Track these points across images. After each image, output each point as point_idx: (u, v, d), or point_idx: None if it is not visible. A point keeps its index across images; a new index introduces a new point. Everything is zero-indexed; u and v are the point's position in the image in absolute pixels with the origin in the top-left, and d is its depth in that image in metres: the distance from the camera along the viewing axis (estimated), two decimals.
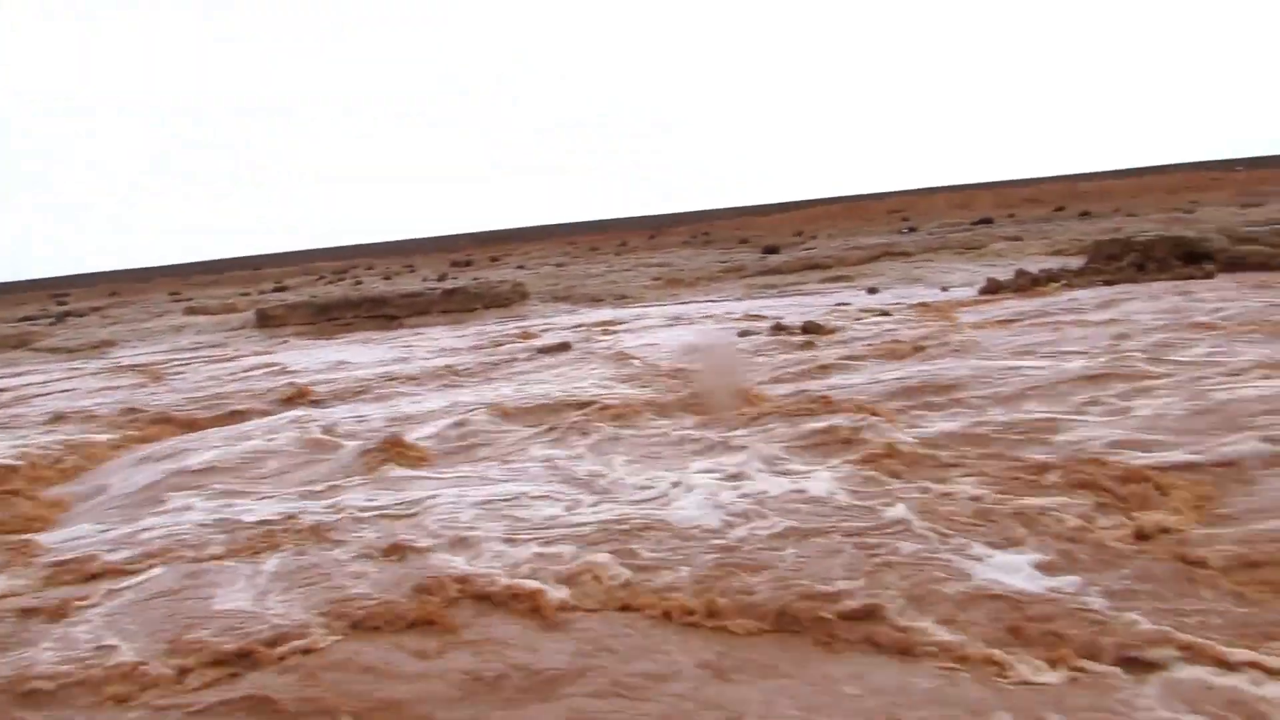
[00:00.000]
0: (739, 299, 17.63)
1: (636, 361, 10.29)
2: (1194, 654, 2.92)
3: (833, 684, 3.02)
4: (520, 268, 32.36)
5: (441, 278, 28.23)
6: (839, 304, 14.57)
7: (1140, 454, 5.00)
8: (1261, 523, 3.95)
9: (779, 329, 11.73)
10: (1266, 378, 6.31)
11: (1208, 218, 22.74)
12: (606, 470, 5.76)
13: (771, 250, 26.99)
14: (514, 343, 13.34)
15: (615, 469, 5.78)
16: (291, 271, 45.70)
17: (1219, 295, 11.04)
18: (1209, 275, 12.97)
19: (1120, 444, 5.23)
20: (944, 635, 3.18)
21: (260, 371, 12.64)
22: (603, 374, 9.54)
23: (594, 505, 5.03)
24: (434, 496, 5.46)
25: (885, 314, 12.62)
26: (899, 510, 4.44)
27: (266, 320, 20.83)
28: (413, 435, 7.24)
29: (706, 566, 3.99)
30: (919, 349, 9.16)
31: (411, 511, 5.20)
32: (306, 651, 3.56)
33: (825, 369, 8.70)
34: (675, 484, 5.26)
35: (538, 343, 12.76)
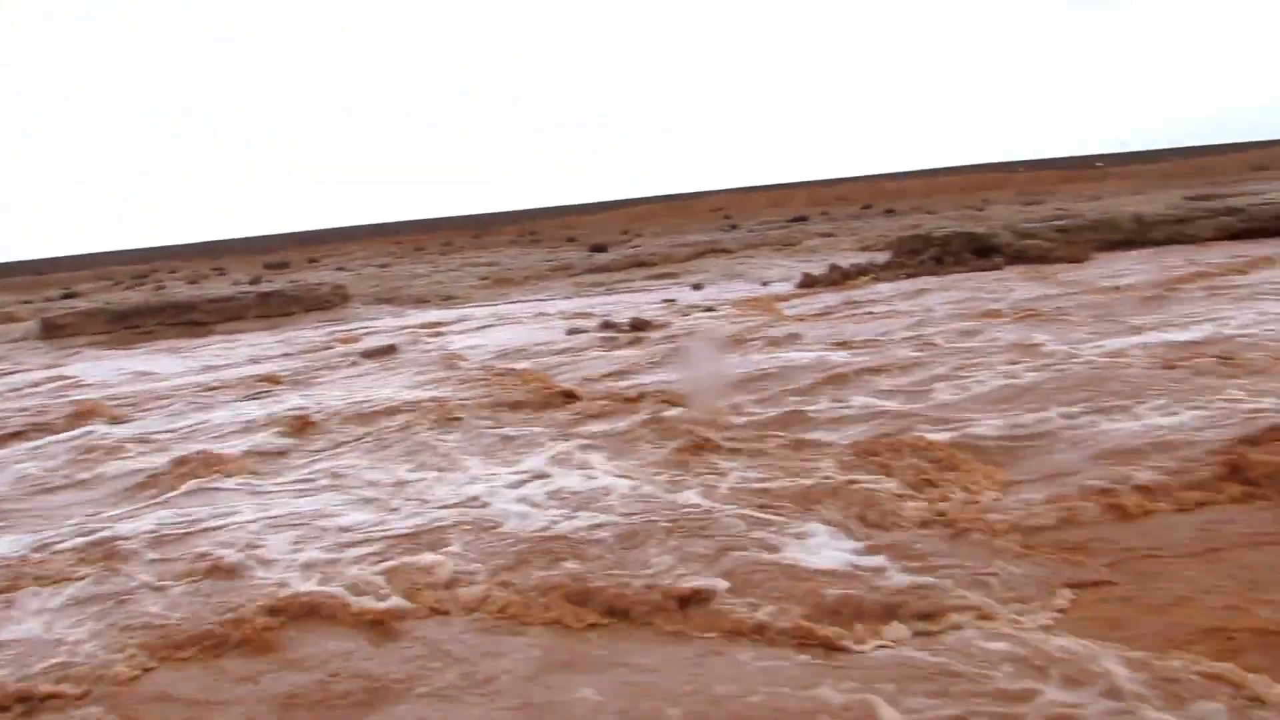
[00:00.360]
0: (568, 297, 17.68)
1: (465, 362, 10.14)
2: (987, 615, 3.18)
3: (664, 669, 3.09)
4: (341, 269, 31.12)
5: (255, 281, 26.74)
6: (666, 300, 14.88)
7: (937, 432, 5.39)
8: (1047, 490, 4.36)
9: (608, 326, 11.85)
10: (1046, 359, 6.94)
11: (996, 215, 24.75)
12: (431, 473, 5.66)
13: (599, 249, 27.23)
14: (336, 347, 12.83)
15: (440, 471, 5.68)
16: (82, 277, 42.01)
17: (1005, 285, 12.06)
18: (998, 267, 14.13)
19: (919, 423, 5.62)
20: (764, 615, 3.32)
21: (47, 387, 11.56)
22: (431, 376, 9.34)
23: (418, 509, 4.92)
24: (248, 510, 5.19)
25: (710, 309, 13.00)
26: (719, 498, 4.59)
27: (54, 330, 19.04)
28: (224, 447, 6.84)
29: (534, 564, 3.99)
30: (742, 342, 9.49)
31: (223, 527, 4.92)
32: (115, 683, 3.30)
33: (653, 364, 8.87)
34: (500, 483, 5.23)
35: (361, 346, 12.32)
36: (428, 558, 4.16)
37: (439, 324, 14.62)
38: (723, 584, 3.57)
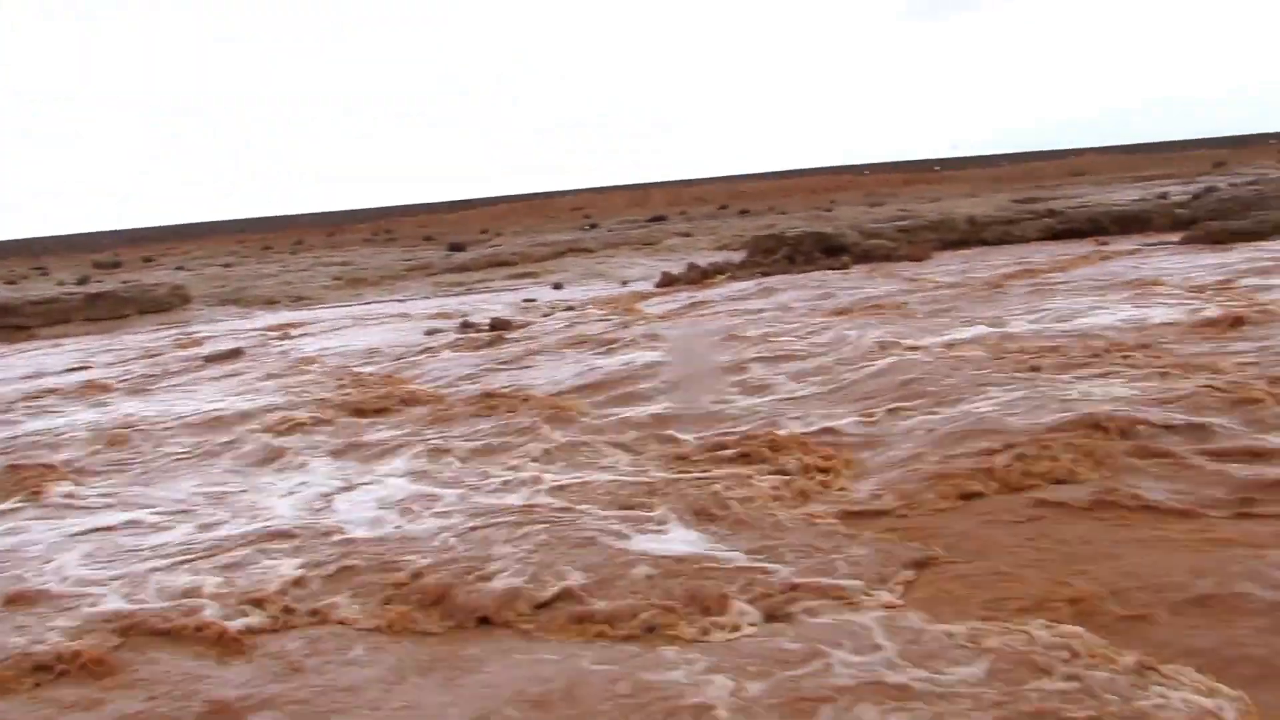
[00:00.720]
0: (426, 297, 17.32)
1: (317, 366, 9.79)
2: (834, 597, 3.34)
3: (520, 670, 3.09)
4: (180, 269, 29.40)
5: (82, 281, 24.92)
6: (526, 300, 14.80)
7: (789, 424, 5.60)
8: (891, 476, 4.60)
9: (467, 326, 11.69)
10: (891, 353, 7.31)
11: (843, 216, 25.82)
12: (278, 481, 5.44)
13: (458, 248, 26.79)
14: (176, 351, 12.12)
15: (286, 479, 5.47)
16: None
17: (852, 283, 12.62)
18: (845, 266, 14.76)
19: (772, 416, 5.82)
20: (617, 608, 3.37)
21: None
22: (280, 381, 8.96)
23: (263, 519, 4.73)
24: (72, 528, 4.84)
25: (571, 309, 13.01)
26: (573, 497, 4.63)
27: None
28: (46, 460, 6.36)
29: (383, 571, 3.91)
30: (603, 341, 9.55)
31: (39, 547, 4.58)
32: None
33: (512, 364, 8.81)
34: (351, 490, 5.10)
35: (204, 350, 11.69)
36: (273, 569, 4.01)
37: (289, 326, 14.04)
38: (576, 581, 3.59)
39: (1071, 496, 4.11)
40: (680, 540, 3.98)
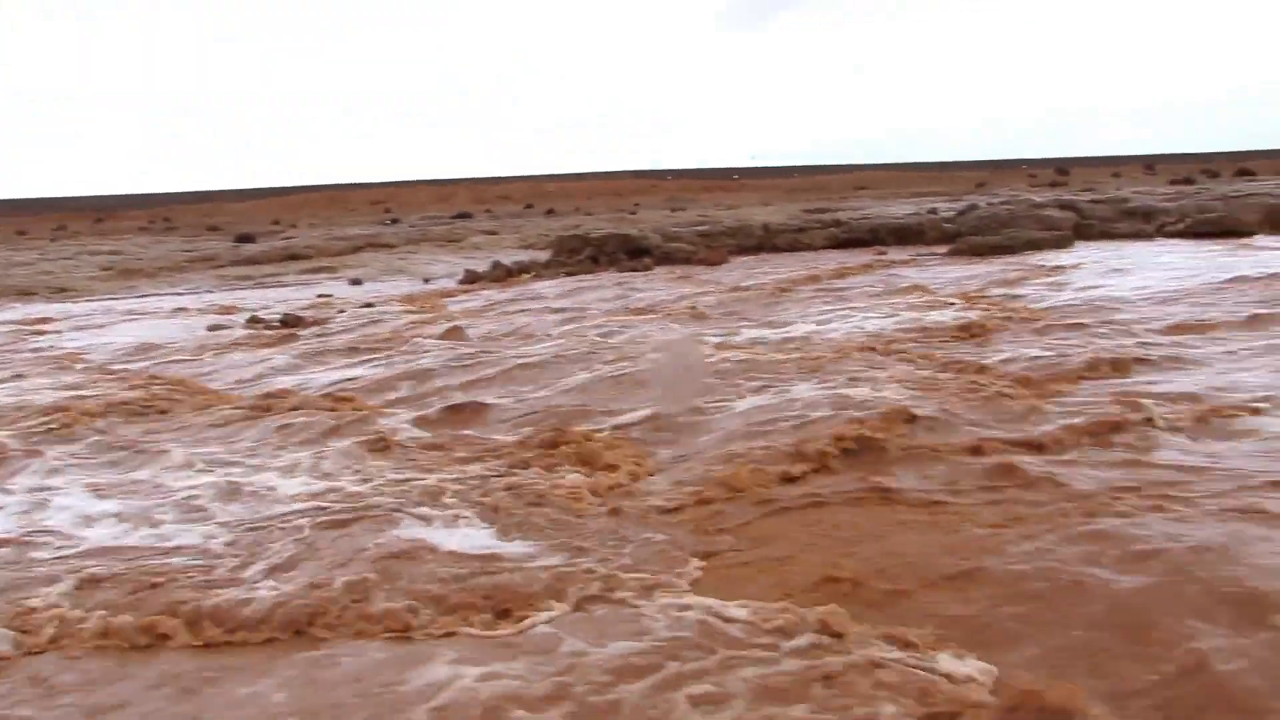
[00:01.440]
0: (211, 291, 16.22)
1: (82, 364, 8.96)
2: (625, 589, 3.44)
3: (312, 676, 2.98)
4: None
5: None
6: (322, 296, 14.19)
7: (589, 423, 5.70)
8: (683, 470, 4.78)
9: (255, 322, 11.08)
10: (685, 351, 7.58)
11: (646, 219, 26.45)
12: (33, 494, 4.96)
13: (246, 239, 25.30)
14: None
15: (44, 490, 4.99)
16: None
17: (654, 284, 12.97)
18: (648, 268, 15.15)
19: (574, 415, 5.91)
20: (404, 608, 3.32)
21: None
22: (36, 382, 8.13)
23: (21, 534, 4.30)
24: None
25: (370, 305, 12.60)
26: (361, 496, 4.51)
27: None
28: None
29: (152, 584, 3.66)
30: (402, 339, 9.32)
31: None
32: None
33: (304, 361, 8.44)
34: (114, 500, 4.73)
35: None
36: (31, 588, 3.65)
37: (49, 319, 12.75)
38: (362, 581, 3.50)
39: (845, 486, 4.43)
40: (468, 538, 3.96)
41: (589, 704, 2.69)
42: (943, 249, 15.37)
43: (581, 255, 16.22)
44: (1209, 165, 40.89)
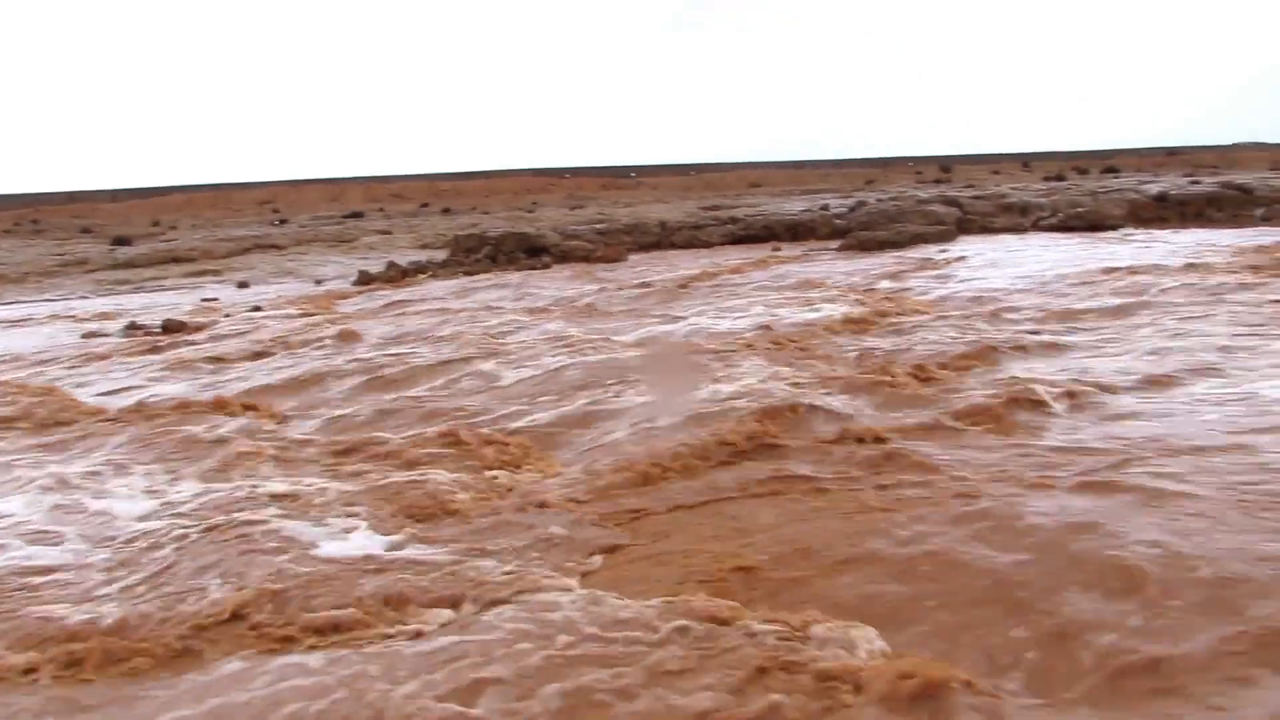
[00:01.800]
0: (86, 297, 15.39)
1: None
2: (526, 588, 3.43)
3: (198, 701, 2.88)
4: None
5: None
6: (207, 300, 13.64)
7: (491, 422, 5.65)
8: (586, 467, 4.79)
9: (134, 328, 10.57)
10: (587, 350, 7.59)
11: (545, 217, 26.33)
12: None
13: (123, 241, 24.10)
14: None
15: None
16: None
17: (553, 283, 12.93)
18: (547, 266, 15.09)
19: (474, 415, 5.85)
20: (296, 619, 3.24)
21: None
22: None
23: None
24: None
25: (258, 309, 12.17)
26: (262, 507, 4.38)
27: None
28: None
29: (18, 607, 3.48)
30: (293, 343, 9.04)
31: None
32: None
33: (188, 369, 8.10)
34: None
35: None
36: None
37: None
38: (255, 594, 3.40)
39: (743, 476, 4.52)
40: (375, 543, 3.89)
41: (493, 706, 2.68)
42: (834, 244, 15.79)
43: (479, 254, 16.04)
44: (1079, 162, 43.15)
